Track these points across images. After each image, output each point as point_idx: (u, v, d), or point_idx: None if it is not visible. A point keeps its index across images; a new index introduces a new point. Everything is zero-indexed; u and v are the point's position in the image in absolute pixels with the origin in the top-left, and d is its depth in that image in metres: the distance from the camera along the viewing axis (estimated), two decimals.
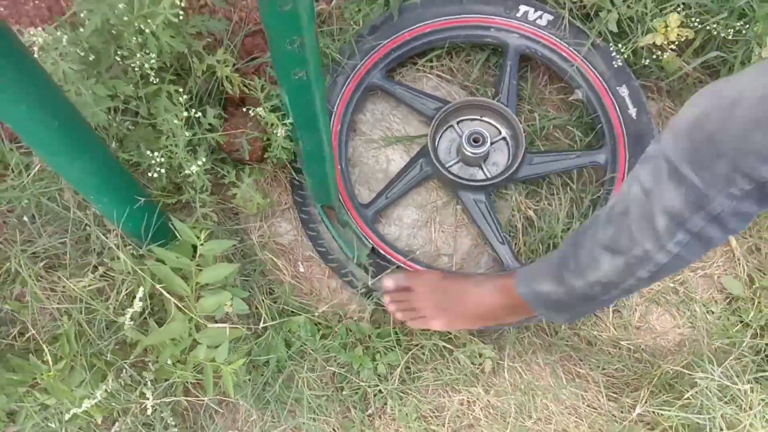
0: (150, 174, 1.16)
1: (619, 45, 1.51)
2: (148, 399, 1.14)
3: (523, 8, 1.54)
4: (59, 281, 1.19)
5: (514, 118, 1.49)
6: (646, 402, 1.33)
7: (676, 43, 1.45)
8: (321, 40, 1.49)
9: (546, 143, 1.60)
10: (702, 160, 0.73)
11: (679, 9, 1.46)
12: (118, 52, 1.12)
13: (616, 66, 1.51)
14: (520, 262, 1.43)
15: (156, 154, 1.14)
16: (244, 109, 1.34)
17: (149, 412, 1.15)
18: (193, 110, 1.16)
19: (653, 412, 1.32)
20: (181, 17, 1.07)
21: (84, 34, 1.03)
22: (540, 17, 1.54)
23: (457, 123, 1.54)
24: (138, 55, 1.09)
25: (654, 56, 1.50)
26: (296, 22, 0.75)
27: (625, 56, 1.51)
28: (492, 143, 1.49)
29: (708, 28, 1.46)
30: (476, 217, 1.45)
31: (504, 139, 1.53)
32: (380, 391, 1.33)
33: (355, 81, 1.49)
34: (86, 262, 1.22)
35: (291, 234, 1.46)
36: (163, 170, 1.15)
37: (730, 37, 1.46)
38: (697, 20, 1.46)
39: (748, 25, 1.46)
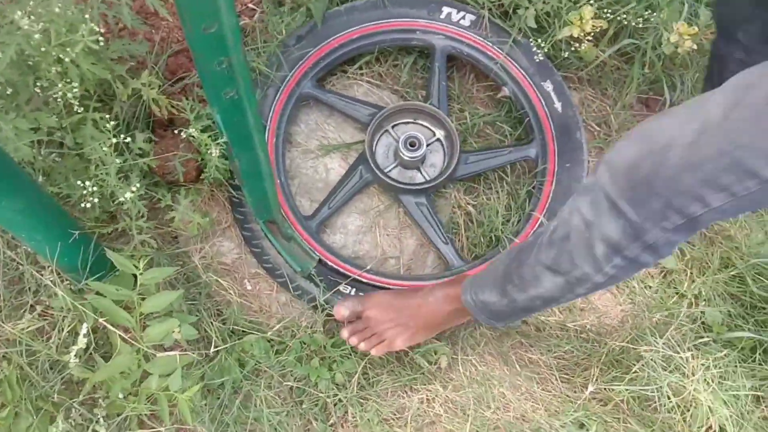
0: (83, 205, 1.12)
1: (539, 40, 1.57)
2: None
3: (446, 10, 1.58)
4: None
5: (447, 119, 1.52)
6: (597, 380, 1.38)
7: (592, 34, 1.51)
8: (247, 55, 1.48)
9: (478, 140, 1.64)
10: (638, 198, 0.81)
11: (591, 2, 1.52)
12: (37, 83, 1.09)
13: (538, 61, 1.56)
14: (465, 260, 1.46)
15: (87, 183, 1.11)
16: (174, 131, 1.32)
17: None
18: (122, 136, 1.14)
19: (604, 388, 1.37)
20: (101, 43, 1.05)
21: None
22: (463, 18, 1.58)
23: (392, 127, 1.56)
24: (59, 85, 1.06)
25: (572, 48, 1.57)
26: (222, 43, 0.74)
27: (546, 50, 1.56)
28: (427, 145, 1.51)
29: (619, 18, 1.53)
30: (419, 220, 1.47)
31: (439, 140, 1.56)
32: (340, 400, 1.33)
33: (287, 92, 1.48)
34: (22, 302, 1.17)
35: (234, 252, 1.44)
36: (96, 200, 1.12)
37: (640, 26, 1.54)
38: (609, 11, 1.52)
39: (655, 13, 1.54)
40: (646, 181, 0.79)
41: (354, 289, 1.40)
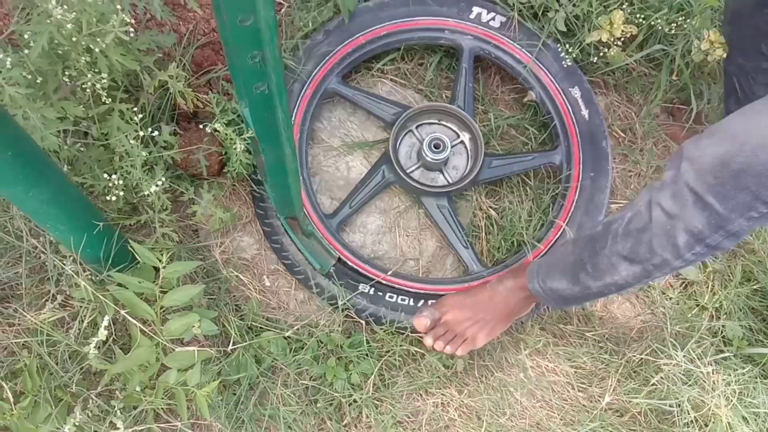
0: (108, 197, 1.12)
1: (567, 45, 1.55)
2: (118, 429, 1.10)
3: (476, 10, 1.56)
4: (15, 314, 1.14)
5: (472, 122, 1.50)
6: (614, 390, 1.37)
7: (621, 39, 1.49)
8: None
9: (501, 143, 1.62)
10: (726, 192, 0.87)
11: (623, 6, 1.50)
12: (66, 73, 1.08)
13: (566, 66, 1.54)
14: (484, 266, 1.45)
15: (114, 177, 1.10)
16: (198, 124, 1.32)
17: None
18: (149, 129, 1.13)
19: (622, 399, 1.36)
20: (131, 34, 1.04)
21: (30, 56, 0.99)
22: (493, 19, 1.56)
23: (416, 128, 1.55)
24: (88, 75, 1.05)
25: (600, 53, 1.55)
26: (257, 36, 0.73)
27: (574, 55, 1.54)
28: (451, 147, 1.50)
29: (651, 23, 1.51)
30: (439, 222, 1.46)
31: (462, 142, 1.55)
32: (355, 400, 1.33)
33: (312, 88, 1.47)
34: (43, 291, 1.17)
35: (254, 248, 1.44)
36: (121, 192, 1.11)
37: (672, 32, 1.52)
38: (641, 16, 1.50)
39: (687, 20, 1.52)
40: (736, 176, 0.85)
41: (373, 289, 1.38)
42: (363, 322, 1.35)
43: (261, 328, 1.32)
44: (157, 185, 1.12)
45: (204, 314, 1.15)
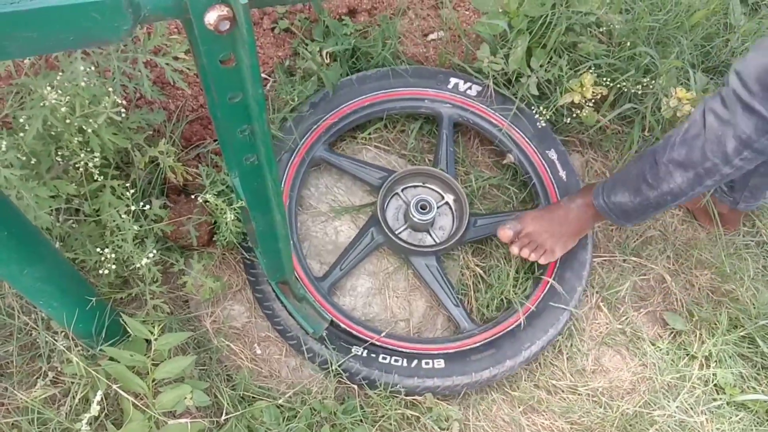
0: (100, 271, 1.14)
1: (541, 107, 1.62)
2: None
3: (453, 80, 1.64)
4: (6, 392, 1.13)
5: (456, 183, 1.55)
6: None
7: (593, 100, 1.57)
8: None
9: (484, 202, 1.67)
10: None
11: (591, 69, 1.58)
12: (59, 153, 1.12)
13: (540, 127, 1.61)
14: (476, 323, 1.46)
15: (107, 251, 1.12)
16: (188, 196, 1.35)
17: None
18: (140, 204, 1.16)
19: None
20: (123, 115, 1.09)
21: (25, 138, 1.03)
22: (470, 88, 1.64)
23: (402, 190, 1.59)
24: (81, 155, 1.09)
25: (574, 114, 1.62)
26: (246, 112, 0.77)
27: (548, 117, 1.61)
28: (437, 209, 1.54)
29: (619, 85, 1.59)
30: (429, 282, 1.49)
31: (447, 203, 1.59)
32: None
33: (300, 156, 1.52)
34: (34, 368, 1.17)
35: (244, 316, 1.45)
36: (113, 266, 1.13)
37: (639, 92, 1.60)
38: (609, 79, 1.58)
39: (654, 81, 1.60)
40: None
41: (366, 351, 1.39)
42: (356, 387, 1.35)
43: (253, 397, 1.31)
44: (148, 257, 1.14)
45: (195, 385, 1.15)
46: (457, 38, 1.72)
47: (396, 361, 1.39)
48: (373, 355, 1.38)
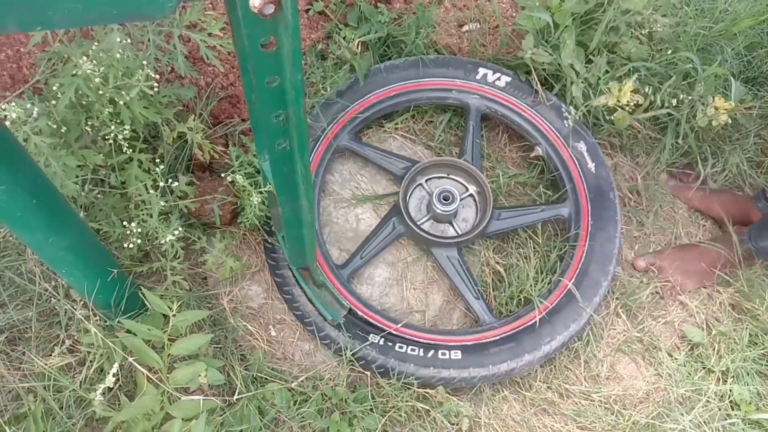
0: (125, 245, 1.14)
1: (572, 105, 1.58)
2: None
3: (482, 71, 1.62)
4: (23, 357, 1.14)
5: (480, 175, 1.53)
6: None
7: (627, 106, 1.53)
8: None
9: (509, 199, 1.65)
10: None
11: (630, 72, 1.55)
12: (89, 123, 1.12)
13: (571, 122, 1.58)
14: (495, 317, 1.45)
15: (133, 225, 1.12)
16: (213, 175, 1.35)
17: None
18: (168, 180, 1.16)
19: None
20: (155, 89, 1.08)
21: (57, 106, 1.03)
22: (498, 79, 1.61)
23: (426, 181, 1.58)
24: (112, 126, 1.09)
25: (606, 116, 1.59)
26: (282, 96, 0.76)
27: (579, 116, 1.58)
28: (461, 200, 1.53)
29: (657, 95, 1.54)
30: (450, 273, 1.47)
31: (471, 195, 1.57)
32: None
33: (325, 144, 1.51)
34: (52, 335, 1.18)
35: (261, 297, 1.45)
36: (138, 240, 1.13)
37: (676, 105, 1.56)
38: (650, 87, 1.54)
39: (690, 96, 1.56)
40: None
41: (383, 339, 1.38)
42: (368, 376, 1.35)
43: (266, 378, 1.31)
44: (173, 234, 1.14)
45: (211, 363, 1.16)
46: (494, 30, 1.69)
47: (412, 350, 1.38)
48: (390, 344, 1.38)
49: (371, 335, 1.38)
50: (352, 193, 1.59)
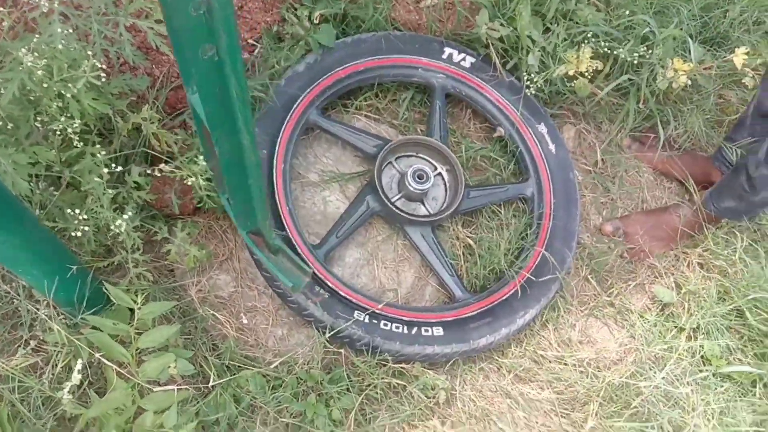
0: (75, 233, 1.11)
1: (533, 75, 1.58)
2: None
3: (447, 50, 1.61)
4: None
5: (451, 154, 1.54)
6: (596, 415, 1.37)
7: (587, 72, 1.53)
8: (250, 88, 1.48)
9: (475, 173, 1.65)
10: None
11: (588, 39, 1.55)
12: (38, 118, 1.09)
13: (531, 99, 1.59)
14: (469, 293, 1.46)
15: (78, 211, 1.10)
16: (172, 165, 1.33)
17: None
18: (117, 168, 1.13)
19: (604, 424, 1.36)
20: (102, 79, 1.06)
21: (1, 102, 1.00)
22: (463, 59, 1.61)
23: (396, 160, 1.57)
24: (61, 120, 1.06)
25: (567, 85, 1.59)
26: None
27: (539, 85, 1.58)
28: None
29: (616, 55, 1.55)
30: (424, 251, 1.48)
31: (440, 174, 1.58)
32: None
33: (295, 119, 1.48)
34: (16, 337, 1.16)
35: (231, 286, 1.44)
36: (87, 228, 1.11)
37: (636, 62, 1.56)
38: (607, 47, 1.55)
39: (651, 50, 1.57)
40: None
41: (368, 317, 1.37)
42: (343, 356, 1.35)
43: (239, 366, 1.31)
44: (123, 219, 1.12)
45: (180, 354, 1.15)
46: (450, 5, 1.67)
47: (397, 327, 1.38)
48: (375, 322, 1.37)
49: (356, 312, 1.37)
50: (318, 176, 1.58)
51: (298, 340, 1.41)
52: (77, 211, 1.10)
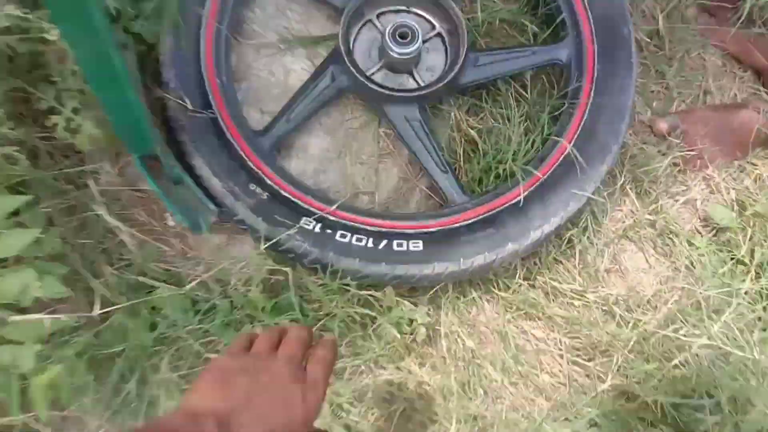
0: None
1: None
2: None
3: None
4: None
5: (453, 6, 1.12)
6: (621, 370, 1.05)
7: None
8: None
9: (491, 41, 1.24)
10: None
11: None
12: None
13: None
14: (468, 195, 1.10)
15: None
16: None
17: None
18: None
19: (631, 382, 1.04)
20: None
21: None
22: None
23: (377, 16, 1.17)
24: None
25: None
26: None
27: None
28: (424, 41, 1.13)
29: None
30: (409, 140, 1.11)
31: (439, 35, 1.17)
32: None
33: None
34: None
35: None
36: None
37: None
38: None
39: None
40: None
41: (319, 225, 1.03)
42: (290, 276, 1.01)
43: (152, 285, 0.98)
44: None
45: (49, 270, 0.82)
46: None
47: (358, 240, 1.04)
48: (329, 232, 1.03)
49: (304, 219, 1.02)
50: (279, 36, 1.18)
51: (241, 252, 1.08)
52: None
